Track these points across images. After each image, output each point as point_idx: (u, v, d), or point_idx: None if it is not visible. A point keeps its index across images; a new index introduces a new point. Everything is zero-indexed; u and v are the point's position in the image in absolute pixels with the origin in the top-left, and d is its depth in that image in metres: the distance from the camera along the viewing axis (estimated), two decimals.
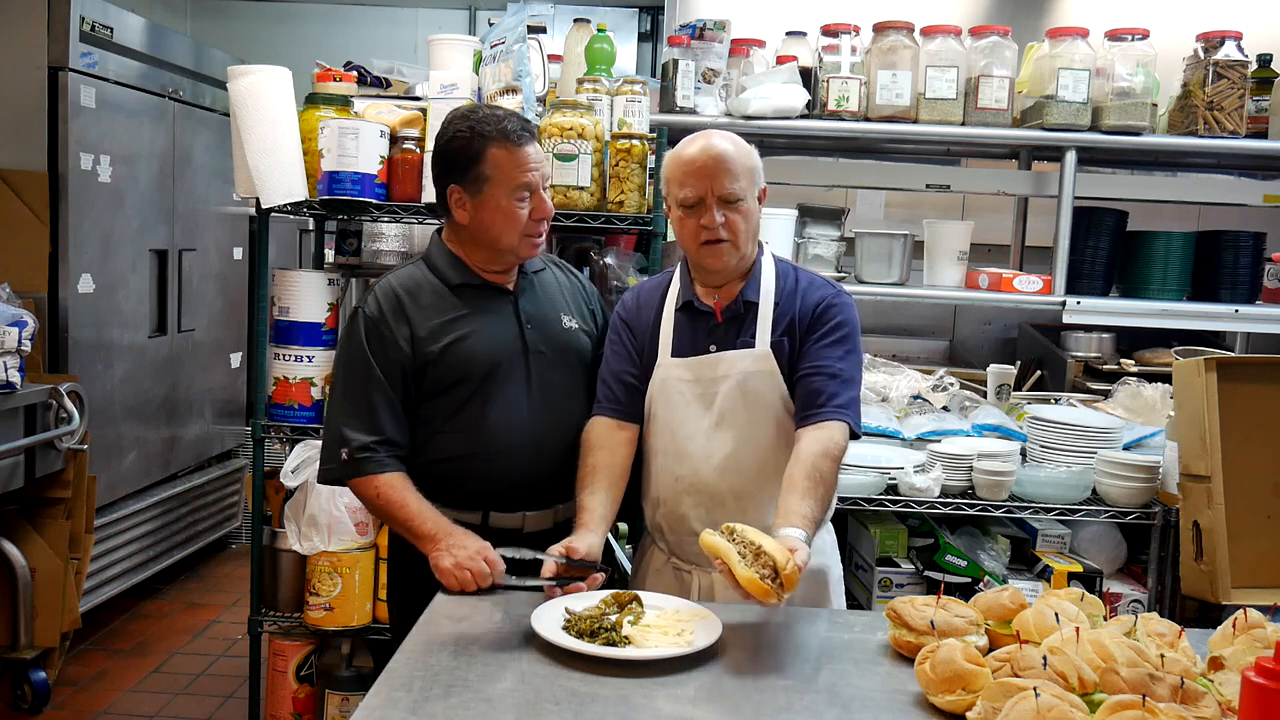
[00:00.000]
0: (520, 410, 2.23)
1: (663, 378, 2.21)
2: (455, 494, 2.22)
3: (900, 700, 1.64)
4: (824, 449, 2.05)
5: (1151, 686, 1.49)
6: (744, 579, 1.74)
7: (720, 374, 2.17)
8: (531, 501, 2.27)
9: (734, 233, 2.13)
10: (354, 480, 2.20)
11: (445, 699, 1.58)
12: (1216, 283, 3.44)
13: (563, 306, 2.35)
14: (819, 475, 2.01)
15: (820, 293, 2.21)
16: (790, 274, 2.25)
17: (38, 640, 3.51)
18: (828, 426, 2.09)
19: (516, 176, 2.17)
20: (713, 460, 2.17)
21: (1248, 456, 2.72)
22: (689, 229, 2.15)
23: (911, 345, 5.22)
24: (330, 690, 3.05)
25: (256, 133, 2.86)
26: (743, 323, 2.19)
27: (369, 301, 2.24)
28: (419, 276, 2.27)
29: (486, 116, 2.19)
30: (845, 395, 2.13)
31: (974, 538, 3.08)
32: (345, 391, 2.22)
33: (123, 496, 4.29)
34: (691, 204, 2.13)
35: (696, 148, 2.14)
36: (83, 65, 3.89)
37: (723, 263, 2.16)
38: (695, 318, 2.22)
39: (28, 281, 3.73)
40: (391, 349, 2.19)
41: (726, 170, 2.11)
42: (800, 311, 2.19)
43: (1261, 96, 3.30)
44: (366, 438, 2.17)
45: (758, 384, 2.16)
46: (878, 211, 4.71)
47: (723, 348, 2.19)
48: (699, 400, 2.19)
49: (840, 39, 3.27)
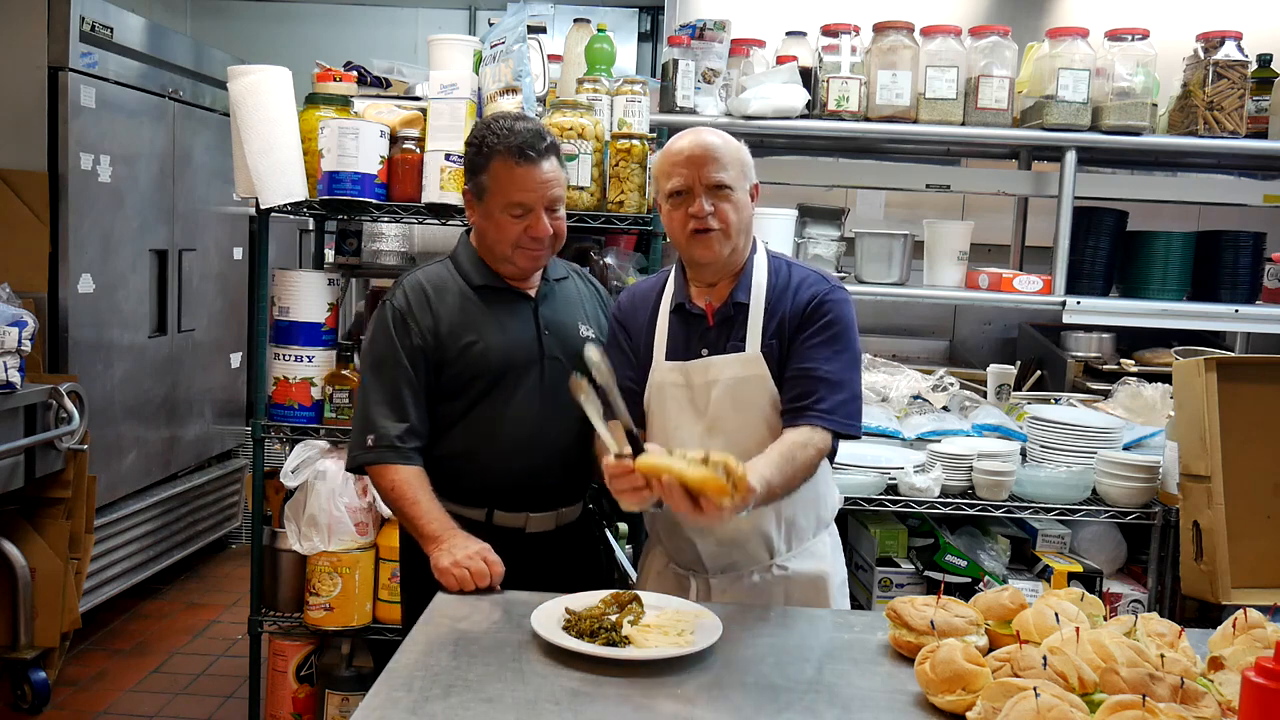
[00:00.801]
0: (531, 413, 2.25)
1: (657, 381, 2.21)
2: (460, 490, 2.24)
3: (900, 700, 1.64)
4: (804, 440, 2.04)
5: (1151, 686, 1.49)
6: (697, 477, 1.73)
7: (711, 379, 2.15)
8: (535, 503, 2.29)
9: (724, 222, 2.08)
10: (374, 468, 2.22)
11: (445, 699, 1.58)
12: (1216, 283, 3.44)
13: (581, 316, 2.37)
14: (792, 457, 2.00)
15: (812, 289, 2.15)
16: (783, 270, 2.19)
17: (38, 640, 3.51)
18: (808, 428, 2.07)
19: (511, 194, 2.18)
20: None
21: (1248, 456, 2.72)
22: (678, 220, 2.11)
23: (911, 345, 5.22)
24: (330, 690, 3.06)
25: (256, 132, 2.86)
26: (733, 325, 2.16)
27: (396, 294, 2.28)
28: (445, 275, 2.31)
29: (502, 128, 2.20)
30: (832, 398, 2.08)
31: (974, 538, 3.08)
32: (374, 380, 2.25)
33: (123, 496, 4.29)
34: (679, 192, 2.09)
35: (684, 140, 2.12)
36: (83, 65, 3.89)
37: (714, 253, 2.10)
38: (688, 320, 2.19)
39: (28, 281, 3.73)
40: (416, 340, 2.23)
41: (714, 159, 2.08)
42: (791, 310, 2.14)
43: (1261, 96, 3.30)
44: (395, 426, 2.21)
45: (748, 389, 2.14)
46: (878, 211, 4.71)
47: (714, 351, 2.16)
48: (691, 405, 2.18)
49: (840, 39, 3.27)
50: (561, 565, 2.26)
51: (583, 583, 2.08)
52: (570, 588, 2.00)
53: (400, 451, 2.20)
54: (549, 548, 2.28)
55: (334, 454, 2.96)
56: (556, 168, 2.22)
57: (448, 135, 2.85)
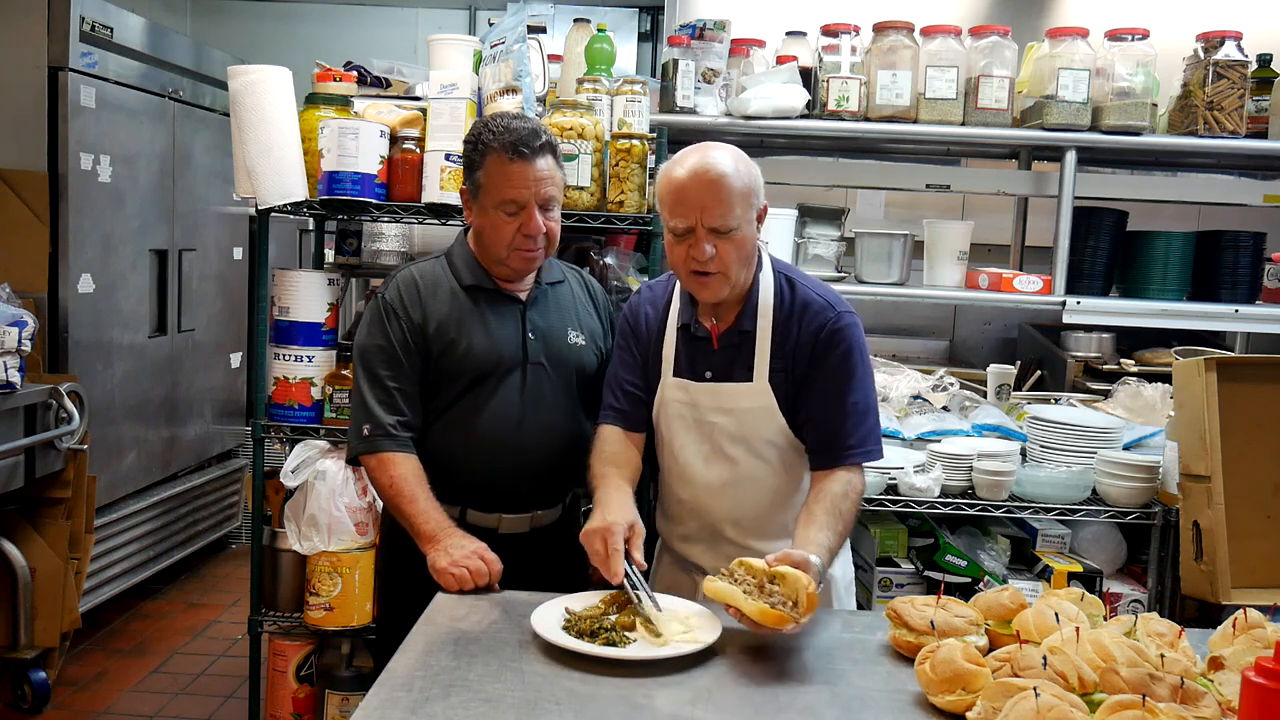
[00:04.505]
0: (509, 416, 2.25)
1: (665, 398, 2.20)
2: (435, 486, 2.24)
3: (900, 700, 1.64)
4: (844, 490, 2.05)
5: (1151, 686, 1.49)
6: (754, 612, 1.73)
7: (717, 405, 2.15)
8: (509, 505, 2.30)
9: (724, 264, 2.04)
10: (369, 459, 2.23)
11: (445, 699, 1.58)
12: (1216, 283, 3.44)
13: (572, 321, 2.36)
14: (838, 512, 2.01)
15: (818, 319, 2.11)
16: (787, 293, 2.15)
17: (38, 640, 3.51)
18: (844, 471, 2.07)
19: (504, 191, 2.18)
20: (711, 488, 2.18)
21: (1248, 456, 2.72)
22: (679, 255, 2.07)
23: (911, 345, 5.22)
24: (330, 690, 3.05)
25: (256, 133, 2.86)
26: (739, 352, 2.14)
27: (389, 287, 2.30)
28: (438, 271, 2.32)
29: (499, 126, 2.20)
30: (859, 431, 2.09)
31: (974, 538, 3.08)
32: (367, 373, 2.26)
33: (123, 496, 4.29)
34: (681, 232, 2.05)
35: (688, 169, 2.03)
36: (83, 65, 3.89)
37: (712, 294, 2.09)
38: (693, 341, 2.18)
39: (28, 281, 3.73)
40: (408, 333, 2.24)
41: (719, 200, 2.00)
42: (799, 340, 2.11)
43: (1261, 96, 3.30)
44: (389, 417, 2.22)
45: (754, 418, 2.13)
46: (878, 211, 4.71)
47: (719, 376, 2.15)
48: (697, 427, 2.17)
49: (840, 39, 3.27)
50: (535, 568, 2.22)
51: (556, 587, 2.05)
52: (543, 590, 2.00)
53: (397, 440, 2.22)
54: (523, 550, 2.26)
55: (334, 454, 2.95)
56: (552, 166, 2.21)
57: (448, 135, 2.85)
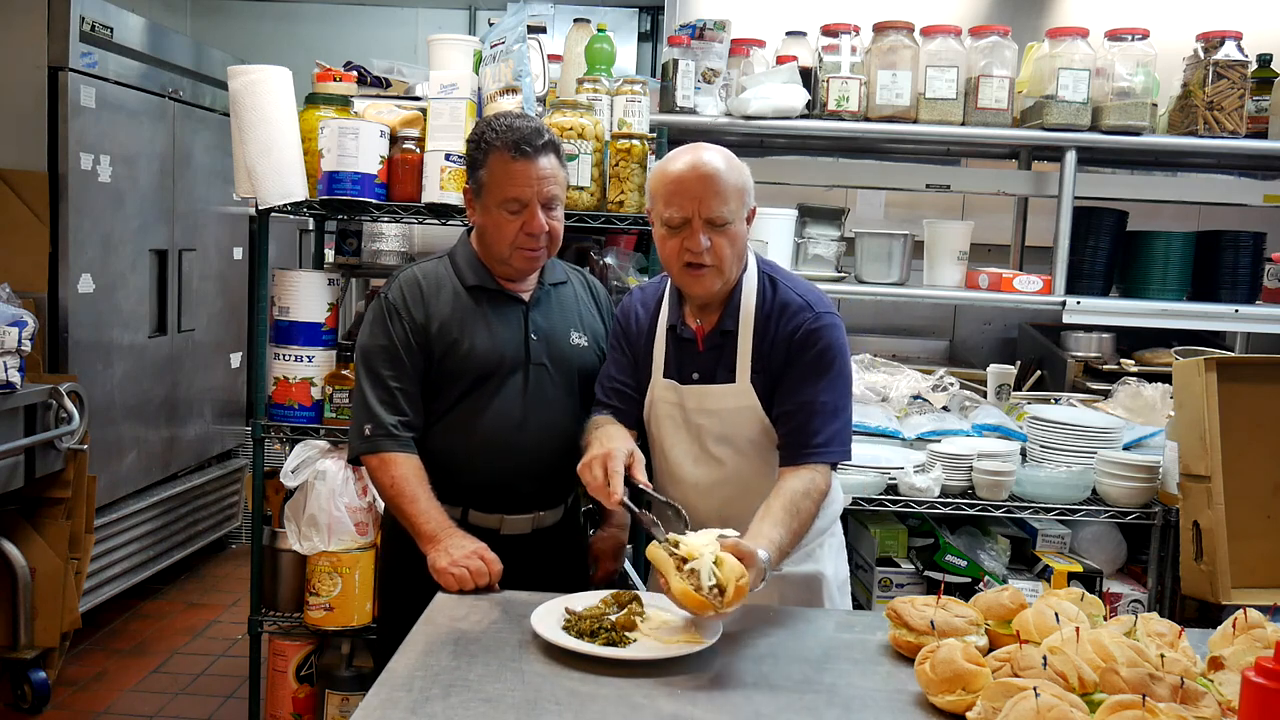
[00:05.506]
0: (511, 417, 2.26)
1: (655, 399, 2.22)
2: (437, 486, 2.24)
3: (900, 700, 1.64)
4: (805, 489, 2.03)
5: (1151, 686, 1.49)
6: (678, 591, 1.74)
7: (702, 406, 2.16)
8: (511, 505, 2.30)
9: (719, 257, 2.05)
10: (370, 458, 2.23)
11: (445, 699, 1.58)
12: (1216, 283, 3.44)
13: (575, 323, 2.36)
14: (795, 509, 1.99)
15: (796, 319, 2.11)
16: (769, 293, 2.15)
17: (38, 640, 3.51)
18: (808, 469, 2.06)
19: (507, 189, 2.18)
20: (699, 486, 2.19)
21: (1248, 456, 2.72)
22: (672, 249, 2.07)
23: (911, 345, 5.22)
24: (330, 690, 3.05)
25: (256, 133, 2.86)
26: (722, 352, 2.15)
27: (391, 287, 2.30)
28: (441, 271, 2.32)
29: (502, 125, 2.20)
30: (827, 430, 2.08)
31: (974, 538, 3.08)
32: (369, 373, 2.26)
33: (123, 496, 4.29)
34: (676, 225, 2.05)
35: (684, 163, 2.04)
36: (83, 65, 3.89)
37: (705, 288, 2.10)
38: (680, 342, 2.20)
39: (28, 281, 3.73)
40: (410, 333, 2.24)
41: (716, 192, 2.01)
42: (777, 339, 2.12)
43: (1261, 96, 3.30)
44: (390, 417, 2.22)
45: (738, 418, 2.15)
46: (878, 211, 4.71)
47: (705, 378, 2.16)
48: (685, 427, 2.19)
49: (840, 39, 3.27)
50: (537, 569, 2.22)
51: (557, 587, 2.05)
52: (544, 591, 2.00)
53: (398, 440, 2.22)
54: (524, 550, 2.26)
55: (334, 454, 2.95)
56: (555, 165, 2.21)
57: (448, 135, 2.85)
